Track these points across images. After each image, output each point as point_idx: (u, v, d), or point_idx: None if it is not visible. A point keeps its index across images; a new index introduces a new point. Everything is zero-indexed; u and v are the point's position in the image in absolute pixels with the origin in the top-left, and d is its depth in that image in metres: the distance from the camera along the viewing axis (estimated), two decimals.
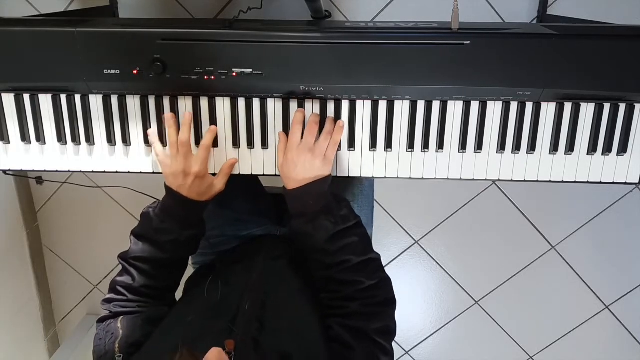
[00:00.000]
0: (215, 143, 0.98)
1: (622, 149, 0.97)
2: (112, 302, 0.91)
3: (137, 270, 0.91)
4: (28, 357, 2.04)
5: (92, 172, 1.01)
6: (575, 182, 0.99)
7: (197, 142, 0.97)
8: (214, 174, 0.98)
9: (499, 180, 0.99)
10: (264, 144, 0.98)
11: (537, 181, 1.00)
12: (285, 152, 0.92)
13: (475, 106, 0.96)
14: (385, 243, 2.00)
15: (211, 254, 1.14)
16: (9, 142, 1.00)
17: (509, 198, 1.89)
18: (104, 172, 1.02)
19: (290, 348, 0.75)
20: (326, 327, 0.83)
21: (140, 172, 1.01)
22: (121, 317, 0.89)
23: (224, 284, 0.92)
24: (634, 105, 0.95)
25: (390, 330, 0.84)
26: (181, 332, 0.79)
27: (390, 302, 0.87)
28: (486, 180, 1.00)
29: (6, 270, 1.87)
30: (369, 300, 0.85)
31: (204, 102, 0.96)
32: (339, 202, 0.90)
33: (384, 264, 0.92)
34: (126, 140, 0.99)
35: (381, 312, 0.85)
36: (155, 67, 0.91)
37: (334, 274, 0.87)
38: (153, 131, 0.96)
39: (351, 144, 0.98)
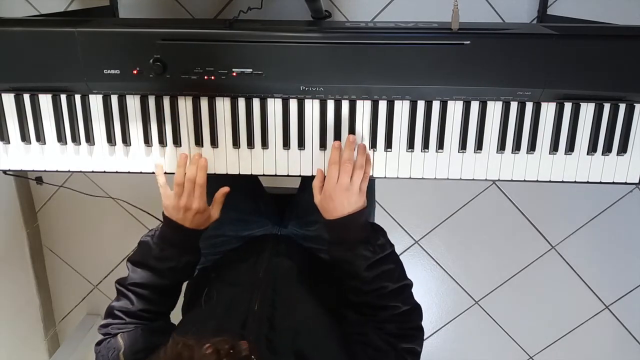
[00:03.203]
0: (215, 143, 0.98)
1: (622, 149, 0.97)
2: (110, 326, 0.93)
3: (135, 295, 0.93)
4: (28, 357, 2.04)
5: (92, 172, 1.01)
6: (575, 182, 0.99)
7: (197, 143, 0.98)
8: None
9: (499, 180, 0.99)
10: (264, 144, 0.98)
11: (537, 181, 1.00)
12: (323, 189, 0.93)
13: (475, 106, 0.96)
14: None
15: (212, 254, 1.14)
16: (9, 142, 1.00)
17: (509, 198, 1.89)
18: (104, 172, 1.02)
19: (303, 346, 0.76)
20: (362, 333, 0.86)
21: (140, 172, 1.01)
22: (120, 333, 0.91)
23: (230, 284, 0.94)
24: (634, 105, 0.95)
25: (417, 353, 0.88)
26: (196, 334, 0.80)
27: (421, 329, 0.91)
28: (486, 180, 1.00)
29: (6, 270, 1.87)
30: (405, 325, 0.88)
31: (204, 102, 0.96)
32: (377, 232, 0.93)
33: None
34: (126, 140, 0.99)
35: (414, 335, 0.89)
36: (155, 67, 0.91)
37: (370, 299, 0.90)
38: (160, 165, 0.98)
39: None
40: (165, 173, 0.98)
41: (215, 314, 0.86)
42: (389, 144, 0.98)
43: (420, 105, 0.96)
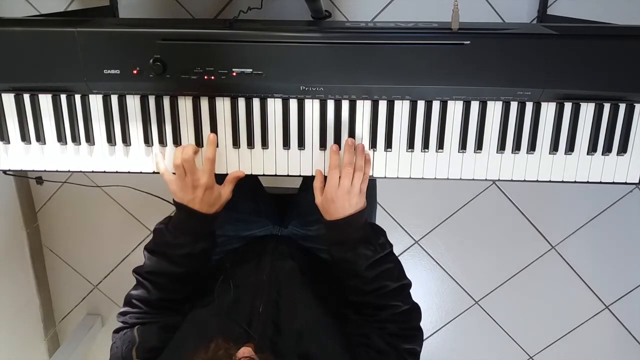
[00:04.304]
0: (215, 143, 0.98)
1: (622, 149, 0.97)
2: (128, 315, 0.93)
3: (151, 283, 0.93)
4: (28, 357, 2.04)
5: (92, 172, 1.01)
6: (575, 182, 0.99)
7: (198, 143, 0.98)
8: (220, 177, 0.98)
9: (499, 180, 0.99)
10: (264, 144, 0.98)
11: (537, 181, 1.00)
12: (324, 192, 0.93)
13: (475, 106, 0.96)
14: None
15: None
16: (9, 142, 1.00)
17: (509, 198, 1.89)
18: (104, 172, 1.02)
19: (307, 348, 0.77)
20: (364, 334, 0.86)
21: (140, 172, 1.01)
22: (137, 326, 0.91)
23: (232, 285, 0.93)
24: (634, 105, 0.95)
25: (417, 354, 0.88)
26: (201, 336, 0.80)
27: (421, 330, 0.91)
28: (486, 180, 1.00)
29: (6, 270, 1.87)
30: (405, 325, 0.89)
31: (204, 102, 0.96)
32: (377, 232, 0.94)
33: None
34: (126, 140, 0.99)
35: (414, 335, 0.89)
36: (155, 67, 0.91)
37: (371, 299, 0.90)
38: (161, 152, 0.98)
39: None
40: None
41: (219, 315, 0.86)
42: (389, 144, 0.98)
43: (420, 105, 0.96)
